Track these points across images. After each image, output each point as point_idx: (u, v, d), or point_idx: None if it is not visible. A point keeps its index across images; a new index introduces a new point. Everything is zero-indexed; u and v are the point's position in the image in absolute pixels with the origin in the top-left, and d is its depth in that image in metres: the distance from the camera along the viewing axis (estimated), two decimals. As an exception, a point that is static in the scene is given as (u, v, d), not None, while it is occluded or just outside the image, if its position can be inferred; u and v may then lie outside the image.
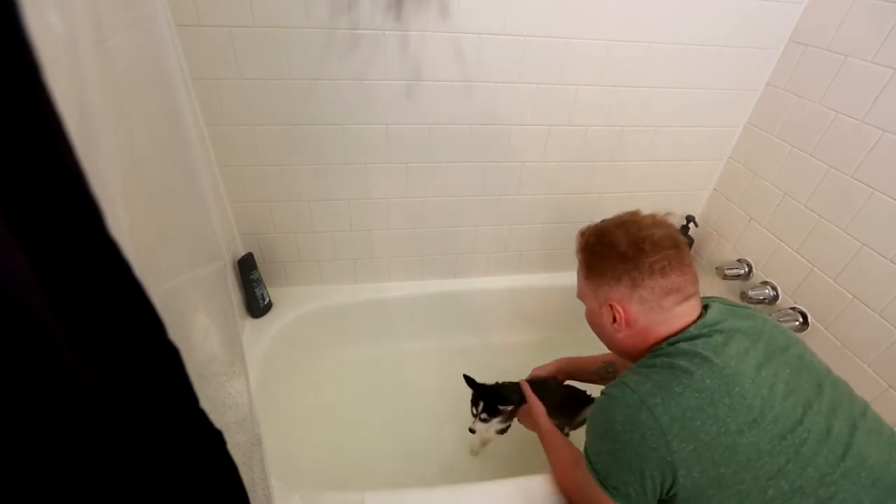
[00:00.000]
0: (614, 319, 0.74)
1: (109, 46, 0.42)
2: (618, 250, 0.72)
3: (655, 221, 0.75)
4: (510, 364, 1.58)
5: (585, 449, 0.74)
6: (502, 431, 1.11)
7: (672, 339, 0.70)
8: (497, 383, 1.08)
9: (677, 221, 1.56)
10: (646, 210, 0.74)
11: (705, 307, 0.74)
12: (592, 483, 0.70)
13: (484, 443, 1.28)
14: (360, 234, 1.37)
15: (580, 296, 0.83)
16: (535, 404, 0.99)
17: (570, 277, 1.59)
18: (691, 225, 1.51)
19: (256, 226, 1.30)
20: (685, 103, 1.29)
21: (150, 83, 0.51)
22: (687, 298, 0.71)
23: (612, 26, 1.12)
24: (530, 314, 1.63)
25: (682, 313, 0.71)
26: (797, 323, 1.18)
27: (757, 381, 0.63)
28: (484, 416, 1.02)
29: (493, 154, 1.28)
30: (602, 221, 0.79)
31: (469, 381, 1.04)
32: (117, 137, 0.42)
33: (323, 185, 1.25)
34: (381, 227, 1.37)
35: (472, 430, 1.04)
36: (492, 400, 1.02)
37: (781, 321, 1.19)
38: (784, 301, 1.26)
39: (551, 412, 1.00)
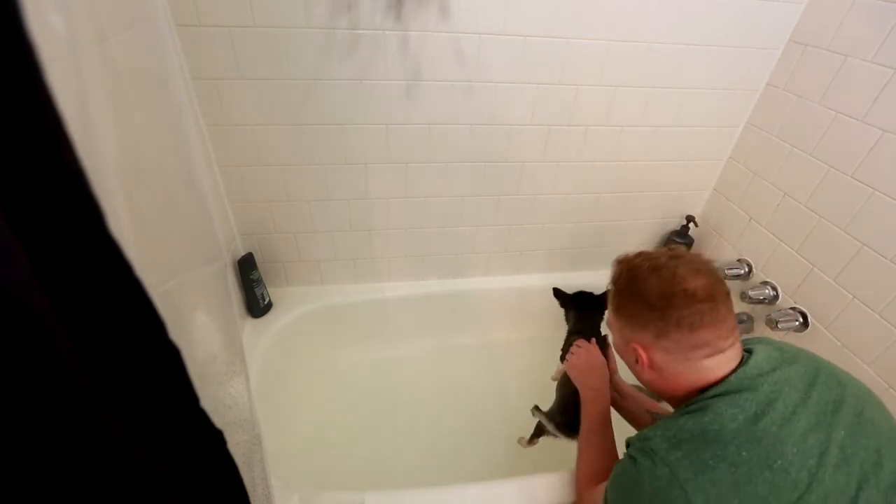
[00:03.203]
0: (637, 360, 0.70)
1: (109, 46, 0.42)
2: (646, 299, 0.67)
3: (695, 270, 0.66)
4: (510, 364, 1.59)
5: (606, 499, 0.70)
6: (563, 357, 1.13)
7: (709, 390, 0.64)
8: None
9: (676, 223, 1.56)
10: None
11: (748, 351, 0.67)
12: None
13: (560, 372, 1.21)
14: (360, 234, 1.37)
15: (609, 324, 0.78)
16: (612, 364, 0.98)
17: (570, 278, 1.59)
18: (691, 225, 1.51)
19: (256, 226, 1.30)
20: (685, 103, 1.29)
21: (150, 83, 0.50)
22: (719, 352, 0.65)
23: (612, 26, 1.12)
24: (530, 314, 1.63)
25: (714, 366, 0.65)
26: (797, 323, 1.18)
27: (803, 450, 0.56)
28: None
29: (493, 154, 1.28)
30: (639, 257, 0.72)
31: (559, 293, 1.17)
32: (117, 137, 0.42)
33: (323, 185, 1.25)
34: (381, 227, 1.37)
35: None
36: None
37: (781, 321, 1.19)
38: (784, 301, 1.26)
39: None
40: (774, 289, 1.28)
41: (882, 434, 0.60)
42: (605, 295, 1.02)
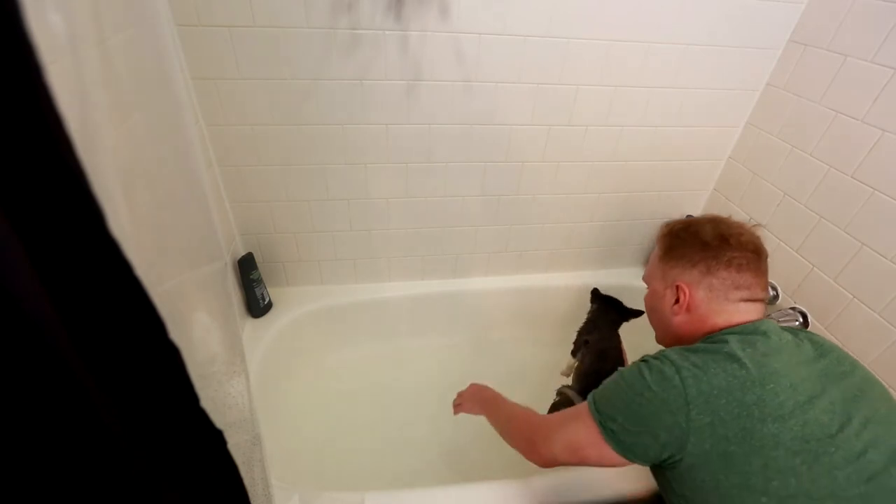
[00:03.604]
0: (677, 301, 0.76)
1: (110, 46, 0.42)
2: (702, 239, 0.75)
3: (745, 227, 0.77)
4: (510, 364, 1.59)
5: (594, 393, 0.74)
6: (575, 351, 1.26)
7: (727, 329, 0.70)
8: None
9: (677, 221, 1.56)
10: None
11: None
12: (576, 422, 0.71)
13: (571, 367, 1.29)
14: (360, 234, 1.37)
15: (646, 278, 0.85)
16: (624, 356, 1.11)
17: (569, 277, 1.60)
18: (691, 225, 1.51)
19: (256, 226, 1.30)
20: (685, 103, 1.29)
21: (150, 83, 0.50)
22: (753, 300, 0.72)
23: (612, 26, 1.12)
24: (530, 314, 1.63)
25: (744, 310, 0.72)
26: (797, 323, 1.18)
27: (796, 388, 0.62)
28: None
29: (493, 154, 1.28)
30: (691, 218, 0.83)
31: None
32: (118, 137, 0.42)
33: (323, 185, 1.25)
34: (381, 227, 1.37)
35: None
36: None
37: (781, 321, 1.19)
38: (784, 301, 1.26)
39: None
40: (774, 289, 1.28)
41: (877, 411, 0.64)
42: (634, 310, 1.19)
